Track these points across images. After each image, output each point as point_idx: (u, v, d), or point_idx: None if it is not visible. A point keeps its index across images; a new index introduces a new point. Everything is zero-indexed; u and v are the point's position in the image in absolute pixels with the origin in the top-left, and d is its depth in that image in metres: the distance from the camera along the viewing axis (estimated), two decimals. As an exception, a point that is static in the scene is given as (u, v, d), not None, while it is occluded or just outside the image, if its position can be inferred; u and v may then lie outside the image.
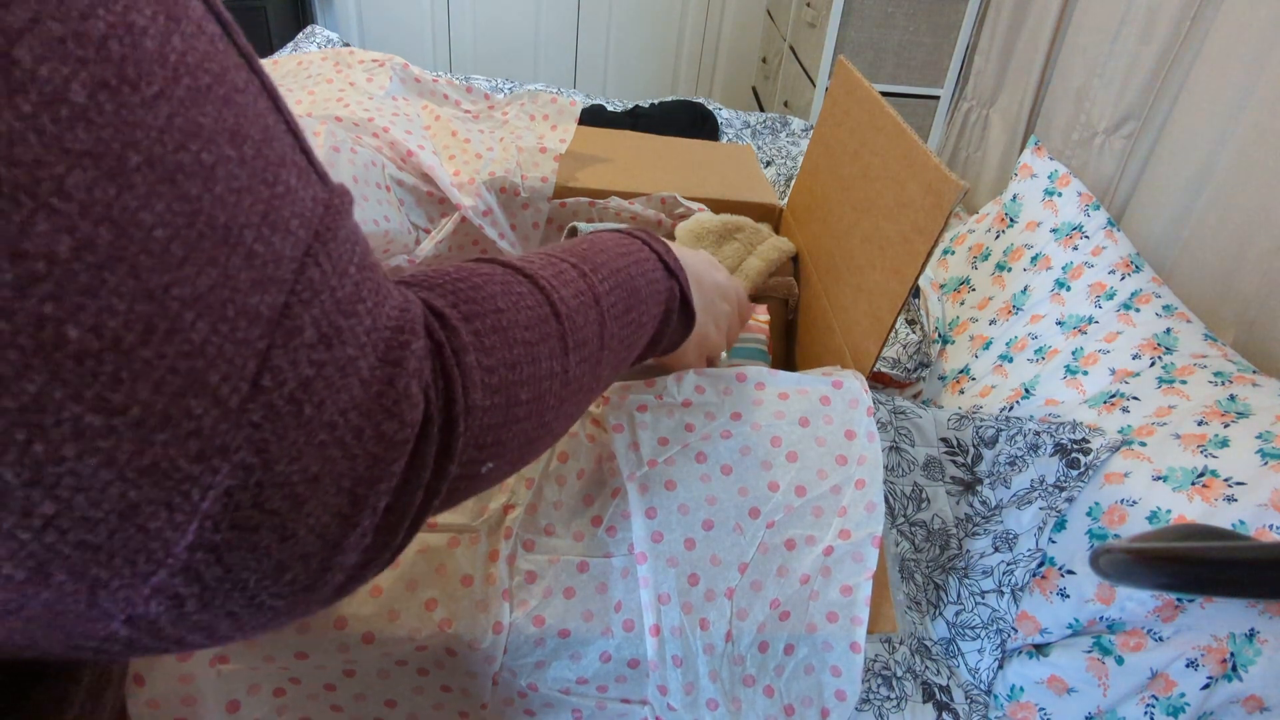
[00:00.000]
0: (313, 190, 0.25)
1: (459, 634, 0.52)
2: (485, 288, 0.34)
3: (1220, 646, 0.73)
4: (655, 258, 0.48)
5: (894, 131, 0.70)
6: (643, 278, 0.45)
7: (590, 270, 0.41)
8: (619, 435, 0.58)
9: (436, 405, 0.29)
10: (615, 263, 0.44)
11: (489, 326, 0.32)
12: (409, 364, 0.27)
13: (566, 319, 0.37)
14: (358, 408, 0.25)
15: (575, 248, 0.43)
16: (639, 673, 0.55)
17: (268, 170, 0.22)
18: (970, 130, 1.86)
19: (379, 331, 0.26)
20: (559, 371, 0.36)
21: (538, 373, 0.35)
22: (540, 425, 0.36)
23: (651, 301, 0.46)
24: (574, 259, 0.41)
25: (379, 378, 0.26)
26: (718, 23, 2.83)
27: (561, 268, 0.39)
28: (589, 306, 0.39)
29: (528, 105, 1.05)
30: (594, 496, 0.58)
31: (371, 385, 0.25)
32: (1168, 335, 1.01)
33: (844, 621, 0.55)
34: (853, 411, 0.60)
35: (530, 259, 0.39)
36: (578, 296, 0.39)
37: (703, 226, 0.89)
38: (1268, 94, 1.03)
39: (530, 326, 0.35)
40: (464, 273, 0.35)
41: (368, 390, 0.25)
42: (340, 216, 0.25)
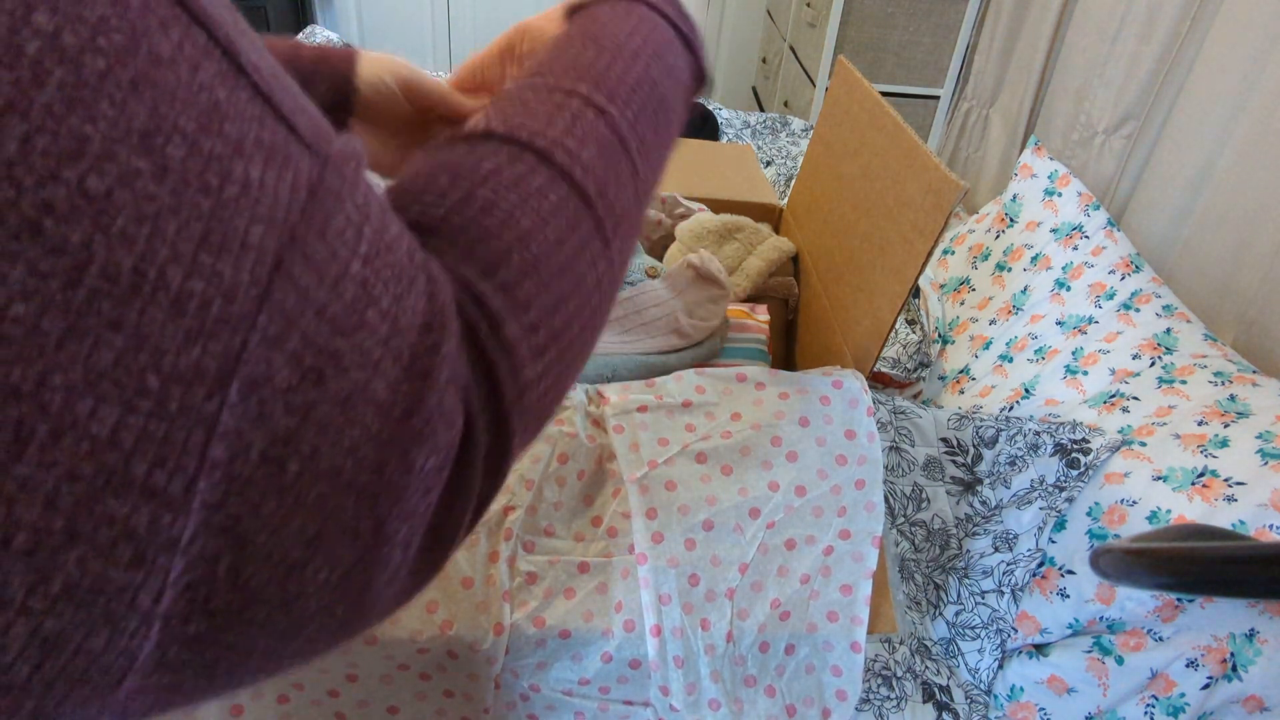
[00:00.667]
0: (291, 171, 0.19)
1: (460, 635, 0.52)
2: (499, 207, 0.27)
3: (1220, 646, 0.73)
4: (675, 35, 0.39)
5: (894, 131, 0.70)
6: (669, 79, 0.37)
7: (608, 100, 0.32)
8: (619, 436, 0.58)
9: (480, 408, 0.24)
10: (633, 70, 0.34)
11: (518, 270, 0.26)
12: (440, 373, 0.22)
13: (598, 198, 0.30)
14: (374, 439, 0.20)
15: (580, 60, 0.34)
16: (641, 673, 0.55)
17: (208, 170, 0.17)
18: (970, 130, 1.86)
19: (400, 337, 0.21)
20: (604, 271, 0.30)
21: (584, 292, 0.29)
22: (591, 343, 0.31)
23: (679, 102, 0.38)
24: (585, 86, 0.32)
25: (403, 397, 0.21)
26: (718, 23, 2.83)
27: (574, 111, 0.31)
28: (618, 161, 0.32)
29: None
30: (594, 497, 0.58)
31: (393, 409, 0.21)
32: (1168, 335, 1.01)
33: (844, 621, 0.55)
34: (853, 411, 0.60)
35: (531, 109, 0.31)
36: (603, 155, 0.31)
37: (703, 226, 0.89)
38: (1268, 94, 1.03)
39: (563, 239, 0.28)
40: (464, 180, 0.28)
41: (387, 416, 0.21)
42: (335, 196, 0.20)
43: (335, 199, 0.20)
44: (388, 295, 0.21)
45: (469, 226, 0.26)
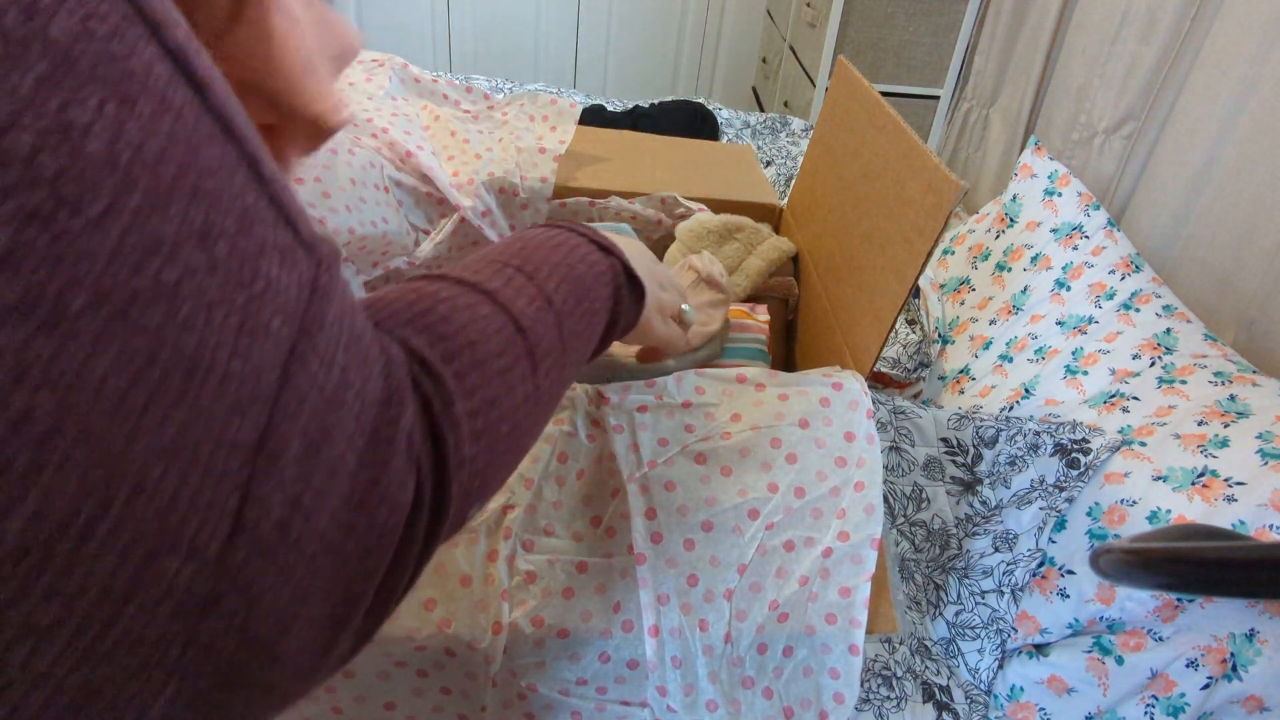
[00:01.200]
0: (298, 271, 0.22)
1: (458, 634, 0.52)
2: (454, 317, 0.32)
3: (1220, 646, 0.73)
4: (585, 241, 0.46)
5: (894, 131, 0.70)
6: (582, 264, 0.44)
7: (534, 271, 0.40)
8: (619, 436, 0.58)
9: (428, 472, 0.27)
10: (553, 257, 0.42)
11: (468, 364, 0.31)
12: (399, 441, 0.25)
13: (529, 332, 0.36)
14: (347, 503, 0.23)
15: (510, 250, 0.41)
16: (638, 674, 0.55)
17: (245, 267, 0.19)
18: (970, 130, 1.86)
19: (367, 412, 0.24)
20: (531, 392, 0.35)
21: (514, 401, 0.34)
22: (518, 451, 0.36)
23: (598, 285, 0.45)
24: (516, 262, 0.40)
25: (369, 464, 0.24)
26: (718, 23, 2.82)
27: (509, 276, 0.38)
28: (544, 311, 0.38)
29: (527, 106, 1.05)
30: (593, 497, 0.58)
31: (361, 475, 0.23)
32: (1168, 335, 1.01)
33: (842, 623, 0.55)
34: (852, 413, 0.60)
35: (477, 270, 0.38)
36: (532, 304, 0.37)
37: (703, 226, 0.89)
38: (1268, 94, 1.03)
39: (502, 353, 0.33)
40: (428, 299, 0.33)
41: (356, 482, 0.23)
42: (329, 296, 0.23)
43: (328, 296, 0.23)
44: (360, 378, 0.24)
45: (435, 323, 0.32)
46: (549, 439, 0.58)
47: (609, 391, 0.60)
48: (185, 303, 0.18)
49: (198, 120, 0.19)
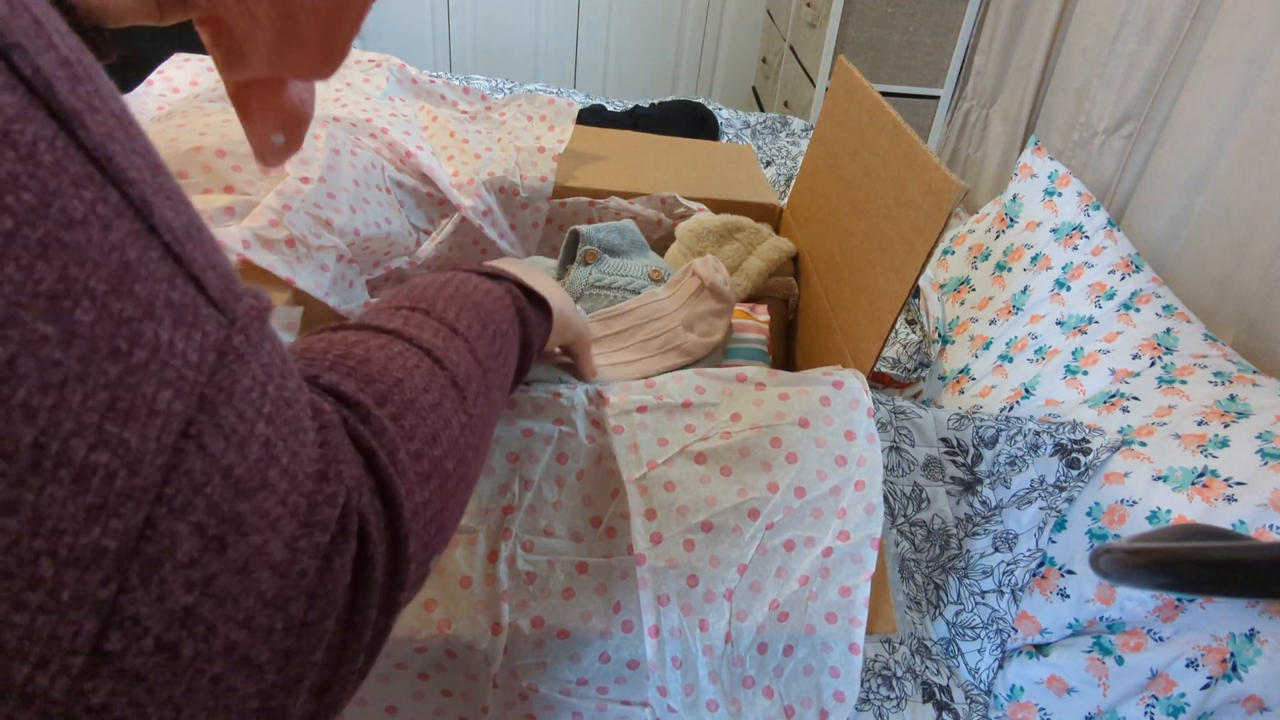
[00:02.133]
0: (201, 332, 0.19)
1: (458, 635, 0.52)
2: (374, 360, 0.31)
3: (1220, 646, 0.73)
4: (473, 274, 0.46)
5: (894, 131, 0.70)
6: (477, 292, 0.43)
7: (429, 307, 0.39)
8: (619, 436, 0.58)
9: (380, 535, 0.25)
10: (445, 291, 0.42)
11: (400, 404, 0.30)
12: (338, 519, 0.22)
13: (446, 361, 0.35)
14: (270, 603, 0.20)
15: (400, 297, 0.41)
16: (639, 674, 0.55)
17: (118, 334, 0.16)
18: (970, 130, 1.86)
19: (298, 490, 0.21)
20: (465, 421, 0.34)
21: (452, 435, 0.32)
22: (467, 485, 0.35)
23: (499, 308, 0.44)
24: (410, 303, 0.39)
25: (302, 551, 0.21)
26: (718, 23, 2.82)
27: (409, 316, 0.37)
28: (452, 339, 0.37)
29: (525, 106, 1.05)
30: (593, 497, 0.58)
31: (291, 566, 0.20)
32: (1168, 335, 1.01)
33: (842, 622, 0.55)
34: (853, 412, 0.60)
35: (373, 318, 0.37)
36: (439, 335, 0.37)
37: (703, 226, 0.89)
38: (1268, 94, 1.03)
39: (428, 388, 0.32)
40: (341, 345, 0.32)
41: (284, 574, 0.20)
42: (244, 359, 0.20)
43: (241, 360, 0.20)
44: (287, 451, 0.21)
45: (357, 365, 0.31)
46: (549, 439, 0.58)
47: (609, 391, 0.60)
48: (21, 385, 0.14)
49: (59, 160, 0.16)
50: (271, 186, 0.72)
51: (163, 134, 0.76)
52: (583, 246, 0.77)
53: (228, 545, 0.18)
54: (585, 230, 0.78)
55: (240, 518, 0.19)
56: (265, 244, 0.67)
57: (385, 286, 0.86)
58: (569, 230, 0.79)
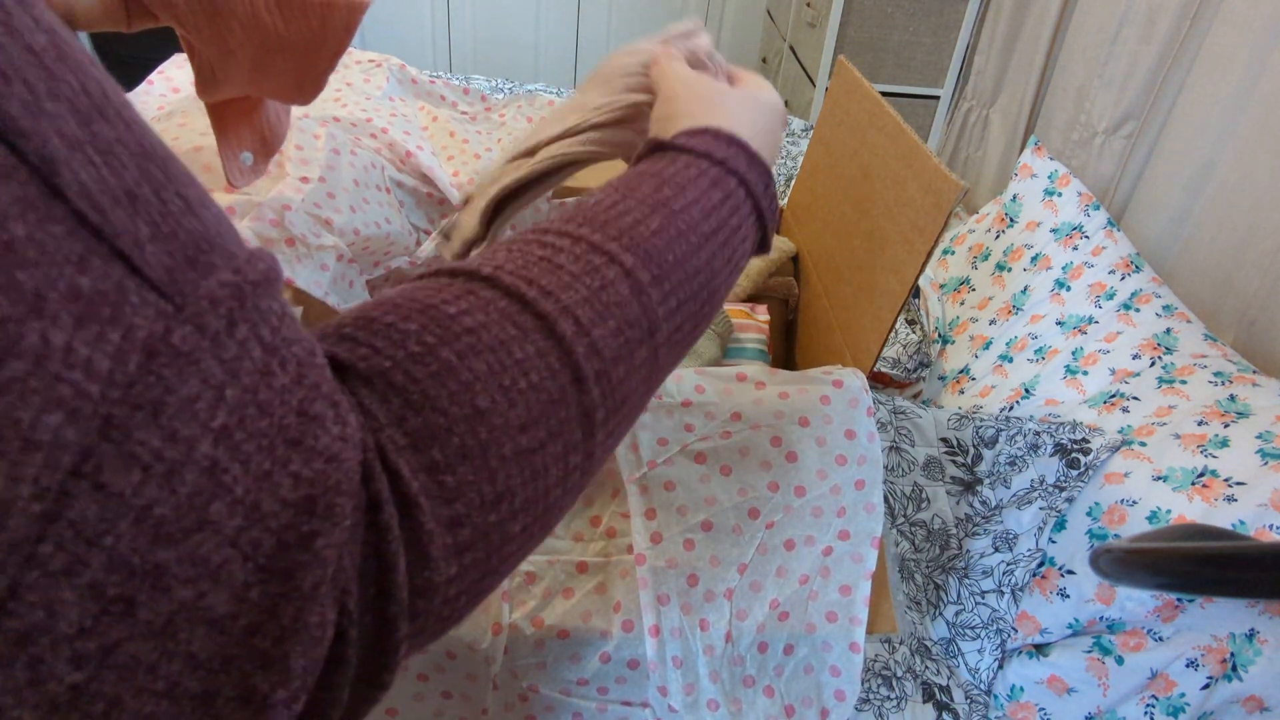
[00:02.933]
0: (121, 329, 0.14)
1: (458, 635, 0.52)
2: (458, 375, 0.22)
3: (1220, 646, 0.73)
4: (750, 205, 0.34)
5: (894, 131, 0.70)
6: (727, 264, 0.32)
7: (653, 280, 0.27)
8: (618, 436, 0.58)
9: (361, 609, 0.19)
10: (697, 255, 0.29)
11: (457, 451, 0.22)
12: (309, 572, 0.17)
13: (596, 382, 0.25)
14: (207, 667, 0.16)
15: (639, 226, 0.28)
16: (639, 674, 0.55)
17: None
18: (970, 130, 1.86)
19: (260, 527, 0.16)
20: (576, 465, 0.25)
21: (538, 488, 0.24)
22: (532, 544, 0.26)
23: (732, 274, 0.33)
24: (631, 257, 0.27)
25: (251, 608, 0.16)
26: (718, 23, 2.82)
27: (605, 280, 0.26)
28: (637, 346, 0.26)
29: (525, 107, 1.05)
30: (593, 497, 0.58)
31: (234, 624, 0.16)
32: (1168, 335, 1.01)
33: (843, 621, 0.55)
34: (853, 411, 0.60)
35: (554, 263, 0.26)
36: (620, 336, 0.26)
37: (702, 227, 0.89)
38: (1268, 94, 1.03)
39: (533, 423, 0.23)
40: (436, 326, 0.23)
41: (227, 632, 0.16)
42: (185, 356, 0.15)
43: (185, 360, 0.15)
44: (248, 476, 0.16)
45: (411, 388, 0.21)
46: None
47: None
48: None
49: None
50: (272, 186, 0.72)
51: (164, 134, 0.76)
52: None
53: (137, 606, 0.14)
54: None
55: (160, 569, 0.15)
56: (265, 244, 0.67)
57: (385, 286, 0.86)
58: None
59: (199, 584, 0.15)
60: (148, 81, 0.90)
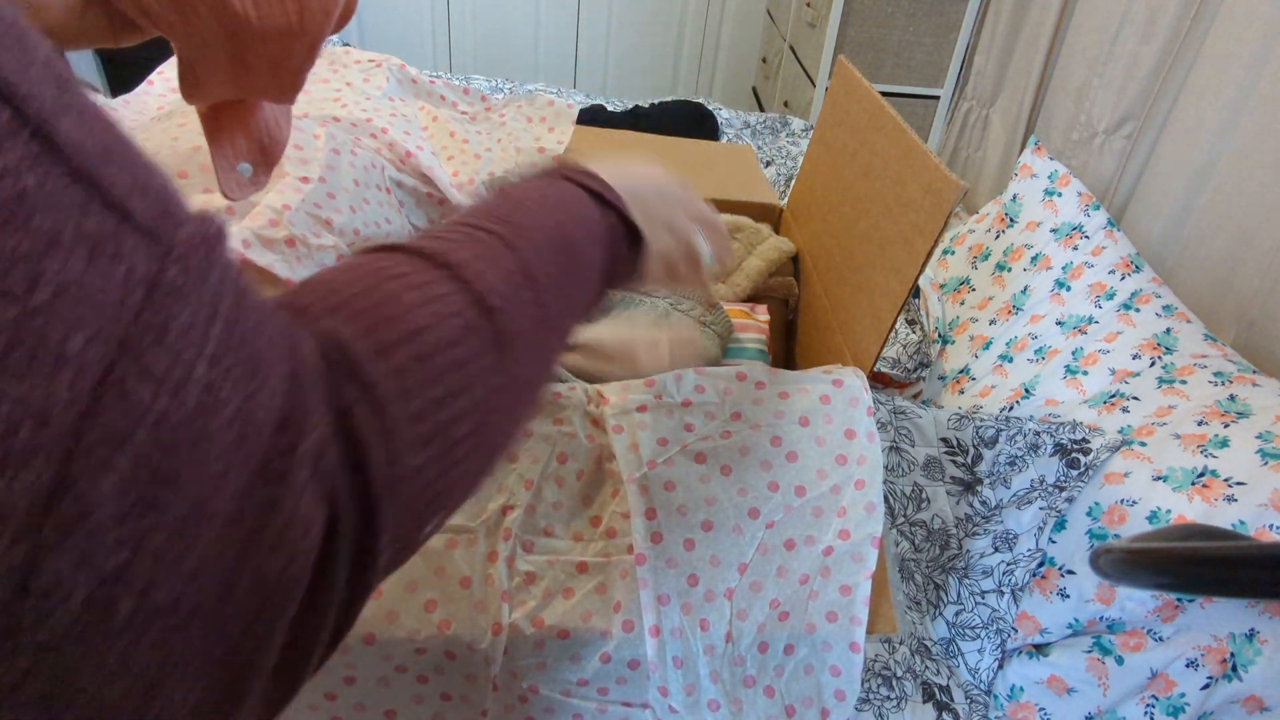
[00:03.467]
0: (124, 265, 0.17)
1: (458, 635, 0.52)
2: (400, 297, 0.28)
3: (1220, 646, 0.73)
4: (584, 194, 0.41)
5: (894, 131, 0.70)
6: (575, 224, 0.39)
7: (515, 236, 0.34)
8: (618, 436, 0.58)
9: (347, 499, 0.23)
10: (542, 217, 0.37)
11: (408, 357, 0.26)
12: (297, 474, 0.20)
13: (499, 313, 0.31)
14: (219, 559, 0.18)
15: (494, 208, 0.37)
16: (639, 674, 0.55)
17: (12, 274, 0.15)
18: (970, 130, 1.86)
19: (250, 441, 0.19)
20: (499, 384, 0.31)
21: (475, 396, 0.29)
22: (489, 450, 0.31)
23: (591, 247, 0.40)
24: (494, 224, 0.35)
25: (252, 507, 0.19)
26: (718, 23, 2.82)
27: (482, 242, 0.33)
28: (521, 286, 0.33)
29: (525, 108, 1.05)
30: (593, 497, 0.58)
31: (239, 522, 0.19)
32: (1168, 335, 1.01)
33: (843, 621, 0.55)
34: (853, 410, 0.60)
35: (445, 235, 0.33)
36: (508, 278, 0.32)
37: (702, 227, 0.89)
38: (1268, 94, 1.03)
39: (458, 341, 0.29)
40: (372, 276, 0.29)
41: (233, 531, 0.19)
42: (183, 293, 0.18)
43: (178, 295, 0.18)
44: (238, 396, 0.19)
45: (373, 307, 0.27)
46: (548, 439, 0.58)
47: (609, 391, 0.60)
48: None
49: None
50: (271, 186, 0.72)
51: (163, 134, 0.76)
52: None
53: (161, 502, 0.17)
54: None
55: (176, 472, 0.17)
56: (265, 243, 0.67)
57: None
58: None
59: (206, 485, 0.18)
60: (148, 82, 0.90)
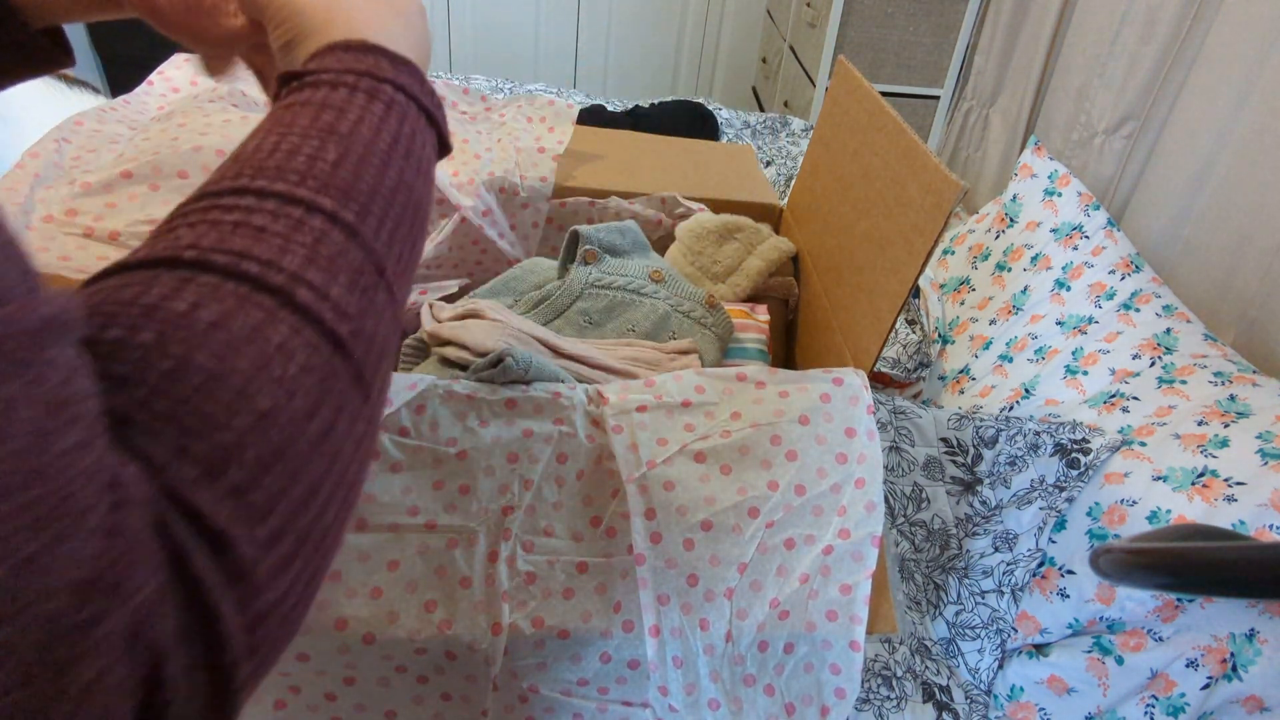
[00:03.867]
0: None
1: (458, 635, 0.52)
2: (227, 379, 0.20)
3: (1220, 646, 0.73)
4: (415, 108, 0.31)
5: (894, 131, 0.70)
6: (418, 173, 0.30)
7: (359, 217, 0.25)
8: (618, 436, 0.58)
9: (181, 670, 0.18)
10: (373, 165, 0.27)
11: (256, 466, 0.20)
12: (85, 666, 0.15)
13: (355, 341, 0.24)
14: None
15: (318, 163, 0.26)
16: (639, 674, 0.55)
17: None
18: (970, 130, 1.86)
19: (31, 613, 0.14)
20: (364, 431, 0.25)
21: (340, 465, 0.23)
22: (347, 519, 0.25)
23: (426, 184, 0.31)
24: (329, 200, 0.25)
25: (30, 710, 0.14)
26: (718, 23, 2.83)
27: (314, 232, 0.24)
28: (372, 289, 0.25)
29: (525, 108, 1.05)
30: (593, 497, 0.58)
31: None
32: (1168, 335, 1.01)
33: (843, 620, 0.55)
34: (853, 409, 0.60)
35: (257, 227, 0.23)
36: (357, 286, 0.24)
37: (703, 226, 0.89)
38: (1268, 94, 1.03)
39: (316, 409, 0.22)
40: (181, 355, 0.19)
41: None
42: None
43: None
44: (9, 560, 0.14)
45: (184, 412, 0.19)
46: (548, 439, 0.58)
47: (608, 392, 0.60)
48: None
49: None
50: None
51: (163, 134, 0.76)
52: (583, 246, 0.77)
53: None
54: (585, 230, 0.78)
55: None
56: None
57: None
58: (569, 230, 0.79)
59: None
60: (148, 82, 0.90)
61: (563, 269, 0.80)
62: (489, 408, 0.57)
